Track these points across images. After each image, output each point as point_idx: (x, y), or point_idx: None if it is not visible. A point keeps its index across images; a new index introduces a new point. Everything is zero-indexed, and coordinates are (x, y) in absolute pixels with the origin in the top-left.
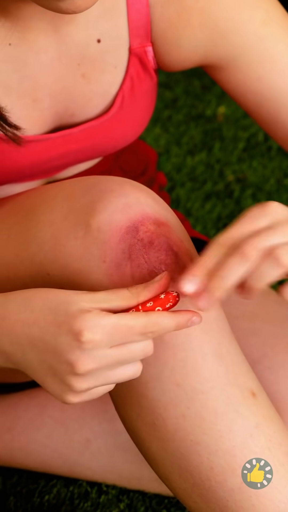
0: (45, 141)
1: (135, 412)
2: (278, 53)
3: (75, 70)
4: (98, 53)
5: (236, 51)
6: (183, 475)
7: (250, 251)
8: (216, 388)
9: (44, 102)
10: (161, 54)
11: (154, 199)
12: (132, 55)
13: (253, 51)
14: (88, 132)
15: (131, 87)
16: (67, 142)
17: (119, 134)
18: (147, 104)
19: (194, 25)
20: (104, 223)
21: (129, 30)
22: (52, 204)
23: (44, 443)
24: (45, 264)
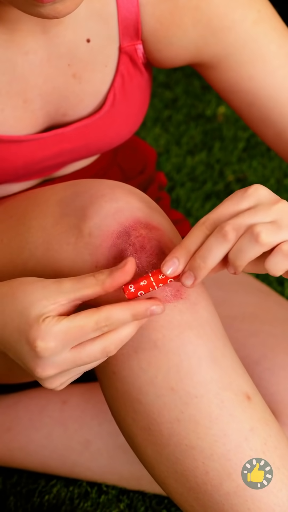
0: (37, 141)
1: (130, 417)
2: (270, 53)
3: (66, 70)
4: (88, 53)
5: (229, 49)
6: (179, 479)
7: (230, 231)
8: (210, 392)
9: (35, 102)
10: (151, 52)
11: (146, 202)
12: (122, 53)
13: (245, 50)
14: (80, 130)
15: (122, 84)
16: (60, 141)
17: (112, 132)
18: (140, 100)
19: (186, 24)
20: (96, 228)
21: (119, 29)
22: (44, 208)
23: (43, 443)
24: (38, 269)
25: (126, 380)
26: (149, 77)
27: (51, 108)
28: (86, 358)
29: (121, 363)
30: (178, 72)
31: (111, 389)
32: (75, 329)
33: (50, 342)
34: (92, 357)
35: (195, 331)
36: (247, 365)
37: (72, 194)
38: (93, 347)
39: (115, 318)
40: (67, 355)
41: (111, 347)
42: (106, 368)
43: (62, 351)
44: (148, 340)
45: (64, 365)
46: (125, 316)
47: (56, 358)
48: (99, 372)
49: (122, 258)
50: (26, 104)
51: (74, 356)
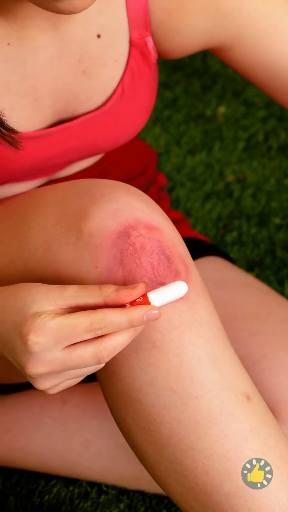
0: (45, 137)
1: (130, 417)
2: (285, 26)
3: (76, 67)
4: (98, 49)
5: (241, 29)
6: (178, 480)
7: None
8: (210, 393)
9: (45, 100)
10: (161, 43)
11: (146, 202)
12: (133, 46)
13: (258, 27)
14: (88, 124)
15: (131, 79)
16: (68, 138)
17: (119, 128)
18: (147, 97)
19: (194, 10)
20: (96, 228)
21: (129, 22)
22: (44, 209)
23: (43, 443)
24: (38, 269)
25: (126, 381)
26: (156, 75)
27: (61, 106)
28: (77, 360)
29: (121, 363)
30: (178, 72)
31: (111, 390)
32: (68, 327)
33: (41, 337)
34: (82, 360)
35: (195, 332)
36: (247, 365)
37: (72, 194)
38: (84, 350)
39: (110, 320)
40: (57, 354)
41: (103, 353)
42: (106, 369)
43: (53, 349)
44: (148, 340)
45: (53, 364)
46: (121, 320)
47: (47, 355)
48: (99, 372)
49: (122, 259)
50: (37, 102)
51: (64, 356)
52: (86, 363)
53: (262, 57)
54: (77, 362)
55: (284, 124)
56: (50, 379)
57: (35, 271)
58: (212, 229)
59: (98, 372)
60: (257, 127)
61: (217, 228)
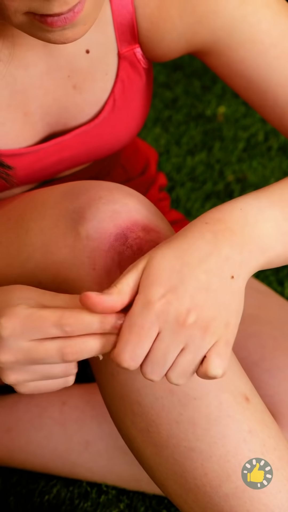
0: (37, 152)
1: (129, 418)
2: (261, 32)
3: (66, 82)
4: (88, 63)
5: (217, 34)
6: (178, 481)
7: None
8: (209, 394)
9: (35, 114)
10: (148, 51)
11: (144, 204)
12: (122, 59)
13: (234, 32)
14: (80, 137)
15: (122, 90)
16: (60, 150)
17: (112, 137)
18: (140, 105)
19: (173, 16)
20: (93, 230)
21: (116, 36)
22: (41, 211)
23: (43, 444)
24: (36, 272)
25: (125, 382)
26: (149, 80)
27: (52, 119)
28: (42, 353)
29: None
30: (178, 72)
31: (110, 391)
32: (37, 318)
33: (10, 323)
34: (47, 354)
35: None
36: (246, 366)
37: (69, 196)
38: (50, 344)
39: (79, 317)
40: (24, 343)
41: (67, 350)
42: (104, 370)
43: (20, 337)
44: None
45: (19, 354)
46: (91, 320)
47: (13, 342)
48: (97, 374)
49: (120, 261)
50: (27, 117)
51: (30, 347)
52: (50, 357)
53: (237, 65)
54: (42, 355)
55: None
56: (16, 371)
57: (33, 273)
58: None
59: (97, 374)
60: (257, 127)
61: None
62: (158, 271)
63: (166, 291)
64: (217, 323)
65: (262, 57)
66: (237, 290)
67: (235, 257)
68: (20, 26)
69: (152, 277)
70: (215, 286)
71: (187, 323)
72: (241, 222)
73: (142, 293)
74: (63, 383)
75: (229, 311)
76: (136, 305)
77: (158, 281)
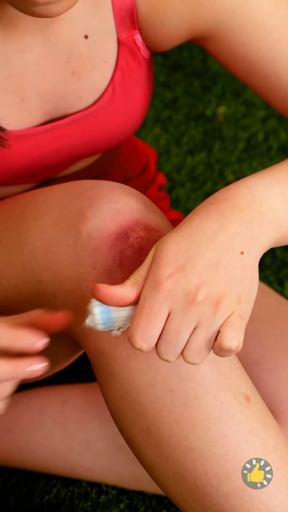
0: (35, 136)
1: (130, 418)
2: (262, 15)
3: (64, 68)
4: (86, 49)
5: (218, 18)
6: (178, 480)
7: None
8: (209, 394)
9: (32, 100)
10: (149, 37)
11: (145, 204)
12: (121, 45)
13: (235, 16)
14: (78, 124)
15: (121, 78)
16: (58, 138)
17: (111, 128)
18: (140, 96)
19: (174, 0)
20: (94, 230)
21: (116, 22)
22: (42, 210)
23: (43, 443)
24: (37, 270)
25: (125, 382)
26: (149, 72)
27: (50, 107)
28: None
29: (120, 364)
30: (178, 72)
31: (110, 391)
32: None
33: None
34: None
35: None
36: (246, 366)
37: (70, 195)
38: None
39: None
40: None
41: None
42: (105, 370)
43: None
44: None
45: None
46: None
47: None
48: (98, 373)
49: (121, 260)
50: (24, 102)
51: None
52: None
53: (239, 49)
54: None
55: (284, 124)
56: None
57: (34, 272)
58: None
59: (97, 373)
60: (257, 127)
61: None
62: (165, 252)
63: (173, 270)
64: (228, 298)
65: (264, 40)
66: (248, 265)
67: (244, 233)
68: None
69: (160, 259)
70: (224, 262)
71: (197, 300)
72: (247, 198)
73: (151, 275)
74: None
75: (241, 286)
76: (145, 287)
77: (165, 262)
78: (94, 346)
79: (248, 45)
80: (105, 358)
